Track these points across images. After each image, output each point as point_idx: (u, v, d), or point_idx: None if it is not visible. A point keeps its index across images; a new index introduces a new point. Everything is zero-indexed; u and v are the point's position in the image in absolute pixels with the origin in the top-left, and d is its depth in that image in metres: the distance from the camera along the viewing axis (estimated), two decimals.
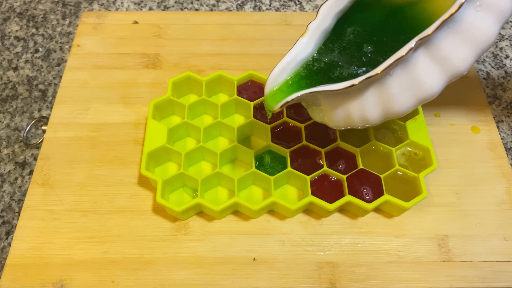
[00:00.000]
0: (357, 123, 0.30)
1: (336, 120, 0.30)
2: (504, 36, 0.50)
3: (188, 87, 0.42)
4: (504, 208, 0.38)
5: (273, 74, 0.30)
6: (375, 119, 0.29)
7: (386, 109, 0.28)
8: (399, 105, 0.28)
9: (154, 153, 0.37)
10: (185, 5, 0.53)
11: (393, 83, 0.27)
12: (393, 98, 0.27)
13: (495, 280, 0.34)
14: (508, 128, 0.43)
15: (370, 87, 0.28)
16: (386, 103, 0.28)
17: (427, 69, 0.27)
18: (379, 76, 0.26)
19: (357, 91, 0.28)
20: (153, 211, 0.37)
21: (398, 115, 0.28)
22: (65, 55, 0.49)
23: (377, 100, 0.28)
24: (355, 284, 0.34)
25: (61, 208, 0.37)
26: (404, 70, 0.27)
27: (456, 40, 0.26)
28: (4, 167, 0.41)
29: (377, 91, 0.28)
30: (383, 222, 0.37)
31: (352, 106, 0.29)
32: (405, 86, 0.27)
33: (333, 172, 0.37)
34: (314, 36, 0.31)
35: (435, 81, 0.27)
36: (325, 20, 0.30)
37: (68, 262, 0.35)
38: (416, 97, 0.27)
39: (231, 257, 0.35)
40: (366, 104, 0.28)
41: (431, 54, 0.26)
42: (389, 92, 0.27)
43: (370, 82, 0.27)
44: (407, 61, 0.26)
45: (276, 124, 0.39)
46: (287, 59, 0.30)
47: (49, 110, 0.44)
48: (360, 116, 0.29)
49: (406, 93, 0.27)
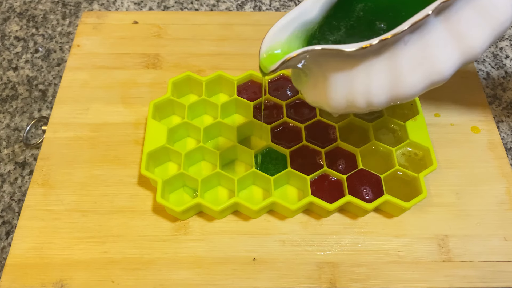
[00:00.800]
0: (360, 103, 0.27)
1: (337, 98, 0.27)
2: (504, 36, 0.50)
3: (188, 87, 0.42)
4: (504, 208, 0.38)
5: (271, 32, 0.27)
6: (380, 100, 0.27)
7: (394, 88, 0.26)
8: (408, 84, 0.26)
9: (154, 153, 0.37)
10: (185, 5, 0.53)
11: (406, 53, 0.25)
12: (403, 74, 0.26)
13: (495, 280, 0.34)
14: (508, 128, 0.43)
15: (381, 57, 0.26)
16: (395, 79, 0.26)
17: (443, 43, 0.25)
18: (394, 41, 0.25)
19: (367, 61, 0.26)
20: (153, 211, 0.37)
21: (405, 97, 0.26)
22: (65, 55, 0.49)
23: (386, 73, 0.26)
24: (355, 284, 0.34)
25: (61, 208, 0.37)
26: (419, 40, 0.25)
27: (474, 16, 0.25)
28: (4, 167, 0.41)
29: (388, 61, 0.26)
30: (383, 222, 0.37)
31: (358, 79, 0.26)
32: (418, 60, 0.25)
33: (333, 172, 0.37)
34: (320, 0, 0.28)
35: (449, 59, 0.26)
36: None
37: (68, 262, 0.35)
38: (427, 76, 0.26)
39: (231, 257, 0.35)
40: (373, 77, 0.26)
41: (448, 27, 0.25)
42: (400, 64, 0.26)
43: (384, 45, 0.25)
44: (423, 30, 0.25)
45: (276, 124, 0.39)
46: (289, 17, 0.28)
47: (49, 110, 0.44)
48: (365, 94, 0.26)
49: (418, 70, 0.26)
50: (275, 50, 0.28)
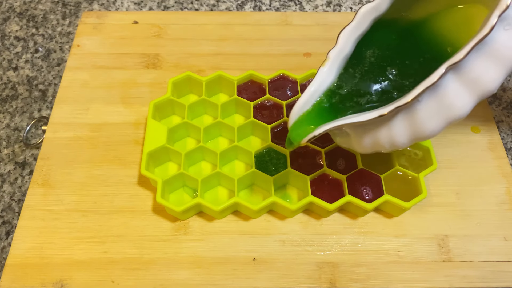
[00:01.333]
0: (386, 148, 0.29)
1: (364, 147, 0.30)
2: None
3: (188, 87, 0.42)
4: (504, 208, 0.38)
5: (297, 106, 0.30)
6: (404, 143, 0.29)
7: (415, 134, 0.28)
8: (428, 129, 0.27)
9: (154, 153, 0.37)
10: (185, 5, 0.53)
11: (422, 109, 0.27)
12: (422, 123, 0.27)
13: (495, 280, 0.34)
14: (508, 128, 0.43)
15: (398, 115, 0.27)
16: (415, 128, 0.28)
17: (457, 92, 0.26)
18: (408, 104, 0.26)
19: (386, 119, 0.28)
20: (153, 211, 0.37)
21: (427, 138, 0.28)
22: (65, 55, 0.49)
23: (406, 126, 0.28)
24: (355, 284, 0.34)
25: (61, 208, 0.37)
26: (433, 95, 0.26)
27: (486, 61, 0.25)
28: (4, 167, 0.41)
29: (405, 117, 0.27)
30: (383, 222, 0.37)
31: (380, 134, 0.29)
32: (435, 111, 0.27)
33: (333, 172, 0.37)
34: (335, 64, 0.30)
35: (465, 103, 0.26)
36: (345, 47, 0.30)
37: (68, 262, 0.35)
38: (446, 120, 0.27)
39: (231, 257, 0.35)
40: (394, 131, 0.28)
41: (461, 78, 0.26)
42: (418, 118, 0.27)
43: (399, 110, 0.27)
44: (436, 87, 0.26)
45: (276, 124, 0.39)
46: (311, 90, 0.30)
47: (49, 110, 0.44)
48: (389, 142, 0.29)
49: (436, 117, 0.27)
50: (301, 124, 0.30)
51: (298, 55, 0.47)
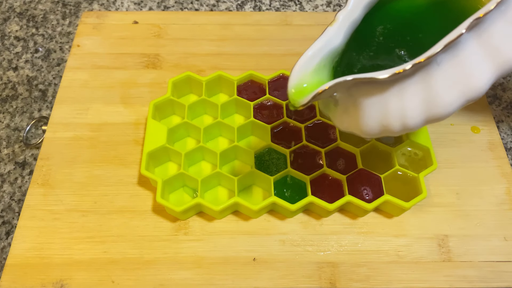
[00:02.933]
0: (395, 127, 0.26)
1: (370, 124, 0.27)
2: None
3: (188, 87, 0.42)
4: (504, 208, 0.38)
5: (298, 65, 0.27)
6: (416, 122, 0.26)
7: (430, 109, 0.25)
8: (444, 104, 0.25)
9: (154, 153, 0.37)
10: (185, 5, 0.53)
11: (440, 74, 0.24)
12: (439, 94, 0.25)
13: (495, 280, 0.34)
14: (508, 128, 0.43)
15: (414, 79, 0.25)
16: (431, 99, 0.25)
17: (477, 60, 0.24)
18: (426, 63, 0.24)
19: (400, 85, 0.25)
20: (153, 211, 0.37)
21: (441, 116, 0.25)
22: (65, 55, 0.49)
23: (420, 96, 0.25)
24: (355, 284, 0.34)
25: (61, 208, 0.37)
26: (453, 59, 0.24)
27: (508, 27, 0.24)
28: (4, 167, 0.41)
29: (422, 84, 0.25)
30: (383, 222, 0.37)
31: (392, 104, 0.25)
32: (453, 79, 0.24)
33: (333, 172, 0.37)
34: (343, 27, 0.27)
35: (484, 74, 0.24)
36: (355, 9, 0.27)
37: (68, 262, 0.35)
38: (463, 94, 0.25)
39: (231, 257, 0.35)
40: (408, 100, 0.25)
41: (482, 42, 0.24)
42: (435, 86, 0.25)
43: (417, 69, 0.24)
44: (456, 48, 0.24)
45: (276, 124, 0.39)
46: (316, 47, 0.27)
47: (49, 110, 0.44)
48: (400, 117, 0.26)
49: (453, 89, 0.25)
50: (303, 83, 0.27)
51: (298, 55, 0.46)
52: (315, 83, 0.27)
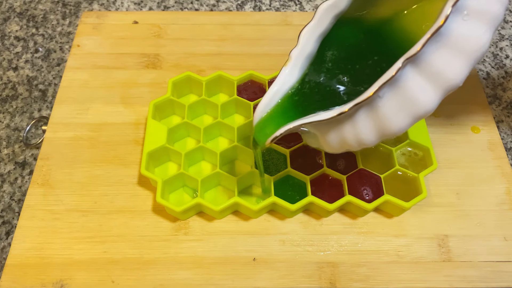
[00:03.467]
0: (354, 147, 0.28)
1: (332, 146, 0.29)
2: (504, 36, 0.50)
3: (188, 87, 0.42)
4: (504, 208, 0.38)
5: (259, 108, 0.29)
6: (371, 141, 0.28)
7: (382, 131, 0.27)
8: (394, 126, 0.26)
9: (154, 153, 0.37)
10: (185, 5, 0.53)
11: (384, 105, 0.26)
12: (387, 120, 0.26)
13: (495, 280, 0.34)
14: (508, 128, 0.43)
15: (361, 111, 0.27)
16: (381, 125, 0.27)
17: (420, 86, 0.25)
18: (368, 101, 0.25)
19: (348, 117, 0.27)
20: (153, 211, 0.37)
21: (395, 134, 0.27)
22: (65, 55, 0.49)
23: (370, 123, 0.27)
24: (355, 284, 0.34)
25: (61, 208, 0.37)
26: (394, 91, 0.25)
27: (446, 53, 0.24)
28: (4, 167, 0.41)
29: (369, 114, 0.26)
30: (383, 222, 0.37)
31: (345, 132, 0.28)
32: (398, 107, 0.26)
33: (333, 172, 0.37)
34: (298, 63, 0.30)
35: (430, 97, 0.25)
36: (307, 45, 0.29)
37: (68, 262, 0.35)
38: (412, 116, 0.26)
39: (231, 257, 0.35)
40: (359, 128, 0.27)
41: (422, 71, 0.25)
42: (382, 114, 0.26)
43: (360, 107, 0.26)
44: (396, 82, 0.25)
45: None
46: (273, 90, 0.29)
47: (49, 110, 0.44)
48: (356, 140, 0.28)
49: (401, 113, 0.26)
50: (265, 125, 0.30)
51: None
52: (278, 122, 0.30)
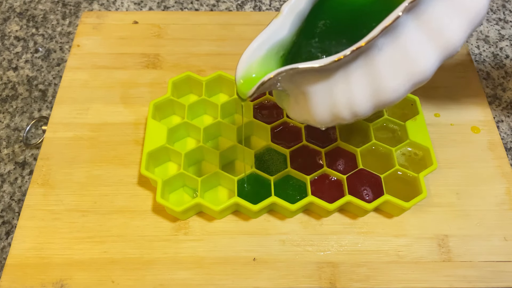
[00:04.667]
0: (345, 115, 0.26)
1: (320, 113, 0.27)
2: (504, 36, 0.50)
3: (188, 87, 0.42)
4: (504, 208, 0.38)
5: (244, 56, 0.27)
6: (364, 108, 0.26)
7: (377, 94, 0.25)
8: (390, 89, 0.25)
9: (154, 153, 0.37)
10: (185, 5, 0.53)
11: (382, 59, 0.24)
12: (384, 78, 0.25)
13: (495, 280, 0.34)
14: (508, 128, 0.43)
15: (358, 65, 0.25)
16: (377, 85, 0.25)
17: (419, 43, 0.24)
18: (367, 48, 0.24)
19: (344, 72, 0.25)
20: (153, 211, 0.37)
21: (389, 102, 0.25)
22: (65, 55, 0.49)
23: (366, 81, 0.25)
24: (355, 284, 0.34)
25: (61, 208, 0.37)
26: (394, 43, 0.24)
27: (447, 8, 0.24)
28: (4, 167, 0.41)
29: (365, 69, 0.25)
30: (383, 222, 0.37)
31: (338, 91, 0.25)
32: (396, 64, 0.24)
33: (333, 172, 0.37)
34: (288, 19, 0.28)
35: (428, 57, 0.24)
36: (299, 2, 0.28)
37: (68, 262, 0.35)
38: (409, 77, 0.25)
39: (231, 257, 0.35)
40: (354, 87, 0.25)
41: (422, 25, 0.24)
42: (378, 71, 0.25)
43: (358, 55, 0.24)
44: (396, 32, 0.24)
45: (276, 124, 0.39)
46: (261, 39, 0.28)
47: (49, 110, 0.44)
48: (348, 104, 0.26)
49: (398, 73, 0.25)
50: (251, 74, 0.28)
51: None
52: (263, 73, 0.27)
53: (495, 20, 0.52)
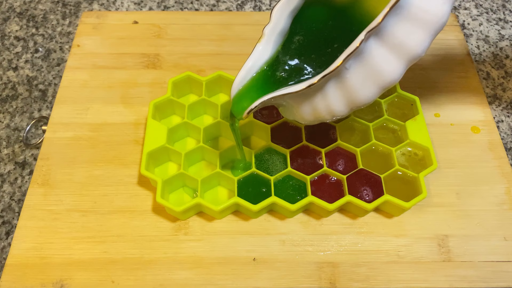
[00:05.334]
0: (326, 117, 0.30)
1: (306, 116, 0.31)
2: (504, 36, 0.50)
3: (188, 87, 0.42)
4: (504, 208, 0.38)
5: (235, 83, 0.30)
6: (342, 111, 0.29)
7: (351, 101, 0.29)
8: (362, 95, 0.28)
9: (154, 153, 0.37)
10: (185, 5, 0.53)
11: (352, 76, 0.27)
12: (355, 90, 0.28)
13: (495, 280, 0.34)
14: (508, 128, 0.43)
15: (330, 83, 0.28)
16: (349, 95, 0.28)
17: (384, 57, 0.27)
18: (335, 72, 0.27)
19: (318, 89, 0.28)
20: (153, 211, 0.37)
21: (364, 104, 0.29)
22: (65, 55, 0.49)
23: (339, 94, 0.28)
24: (355, 284, 0.34)
25: (61, 208, 0.37)
26: (360, 62, 0.27)
27: (407, 25, 0.26)
28: (4, 167, 0.41)
29: (337, 85, 0.28)
30: (383, 222, 0.37)
31: (317, 103, 0.29)
32: (365, 77, 0.27)
33: (333, 172, 0.37)
34: (271, 40, 0.31)
35: (395, 67, 0.27)
36: (279, 22, 0.31)
37: (68, 262, 0.35)
38: (378, 85, 0.28)
39: (231, 257, 0.35)
40: (330, 99, 0.29)
41: (385, 43, 0.26)
42: (349, 85, 0.28)
43: (328, 78, 0.27)
44: (361, 53, 0.27)
45: (276, 124, 0.39)
46: (248, 65, 0.31)
47: (49, 110, 0.44)
48: (327, 110, 0.29)
49: (367, 83, 0.27)
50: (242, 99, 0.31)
51: None
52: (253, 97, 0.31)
53: (495, 20, 0.52)
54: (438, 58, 0.47)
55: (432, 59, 0.47)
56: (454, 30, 0.49)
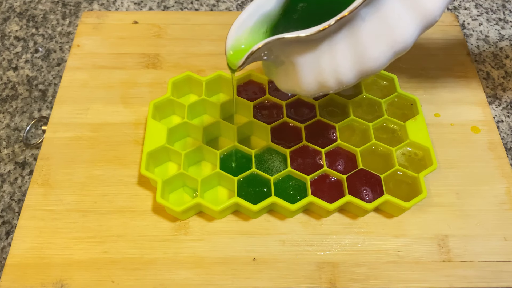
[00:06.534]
0: (330, 83, 0.28)
1: (307, 82, 0.28)
2: (504, 36, 0.50)
3: (188, 87, 0.42)
4: (504, 208, 0.38)
5: (233, 28, 0.28)
6: (348, 75, 0.27)
7: (360, 63, 0.27)
8: (373, 57, 0.27)
9: (154, 153, 0.37)
10: (185, 5, 0.53)
11: (365, 28, 0.26)
12: (367, 48, 0.26)
13: (495, 280, 0.34)
14: (508, 128, 0.43)
15: (342, 35, 0.26)
16: (360, 54, 0.27)
17: (400, 12, 0.26)
18: (351, 17, 0.25)
19: (329, 42, 0.27)
20: (153, 211, 0.37)
21: (372, 70, 0.27)
22: (65, 55, 0.49)
23: (350, 51, 0.27)
24: (355, 284, 0.34)
25: (61, 208, 0.37)
26: (376, 13, 0.26)
27: None
28: (4, 167, 0.41)
29: (349, 39, 0.26)
30: (383, 222, 0.37)
31: (324, 61, 0.27)
32: (379, 33, 0.26)
33: (333, 172, 0.37)
34: None
35: (408, 27, 0.26)
36: None
37: (68, 262, 0.35)
38: (390, 46, 0.27)
39: (231, 257, 0.35)
40: (339, 56, 0.27)
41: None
42: (362, 40, 0.26)
43: (342, 24, 0.26)
44: (378, 3, 0.26)
45: (276, 124, 0.39)
46: (248, 11, 0.28)
47: (49, 110, 0.44)
48: (333, 73, 0.27)
49: (380, 41, 0.26)
50: (240, 45, 0.28)
51: None
52: (251, 44, 0.28)
53: (495, 20, 0.52)
54: (438, 58, 0.47)
55: (432, 59, 0.47)
56: (454, 30, 0.49)
